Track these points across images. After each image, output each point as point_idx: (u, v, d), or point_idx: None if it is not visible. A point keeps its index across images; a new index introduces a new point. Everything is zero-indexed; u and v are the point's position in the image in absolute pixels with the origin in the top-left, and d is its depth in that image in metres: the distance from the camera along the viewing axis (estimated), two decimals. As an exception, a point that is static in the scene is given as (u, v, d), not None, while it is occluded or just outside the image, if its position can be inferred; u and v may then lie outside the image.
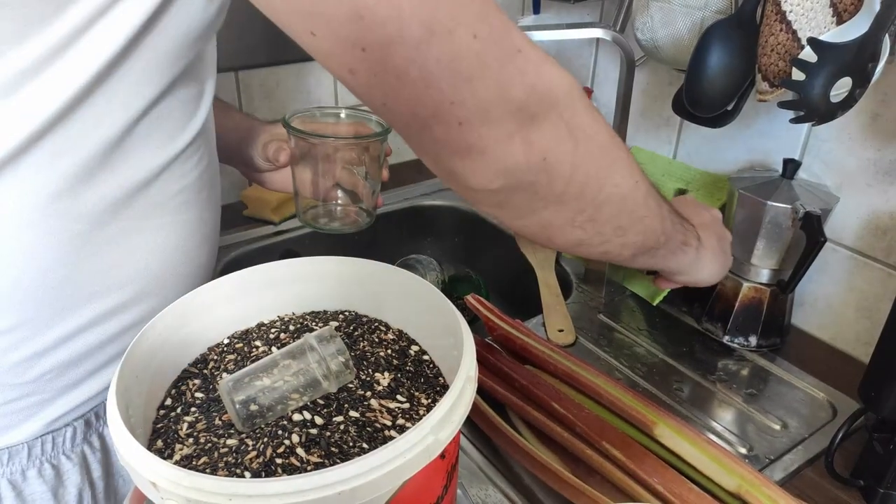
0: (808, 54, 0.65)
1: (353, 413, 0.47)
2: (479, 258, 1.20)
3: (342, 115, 0.76)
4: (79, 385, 0.57)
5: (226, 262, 1.01)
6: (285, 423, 0.46)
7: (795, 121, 0.68)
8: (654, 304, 0.89)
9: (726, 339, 0.83)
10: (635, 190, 0.52)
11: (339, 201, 0.76)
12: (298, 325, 0.57)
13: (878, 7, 0.61)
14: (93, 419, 0.61)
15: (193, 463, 0.43)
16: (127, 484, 0.66)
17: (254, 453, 0.44)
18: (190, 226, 0.60)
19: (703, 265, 0.67)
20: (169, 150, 0.55)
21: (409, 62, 0.38)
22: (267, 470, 0.42)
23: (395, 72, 0.38)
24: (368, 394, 0.49)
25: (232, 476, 0.42)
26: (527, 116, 0.42)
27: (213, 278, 0.56)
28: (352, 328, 0.57)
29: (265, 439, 0.45)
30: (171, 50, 0.50)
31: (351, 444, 0.44)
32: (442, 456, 0.42)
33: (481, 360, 0.72)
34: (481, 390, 0.71)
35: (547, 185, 0.46)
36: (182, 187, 0.57)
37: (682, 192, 0.93)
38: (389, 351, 0.54)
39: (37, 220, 0.49)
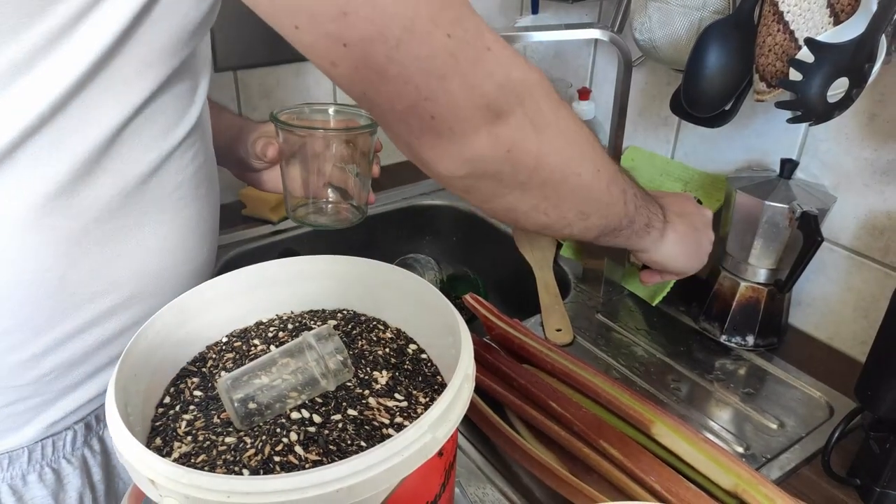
0: (805, 55, 0.66)
1: (351, 411, 0.47)
2: (477, 258, 1.20)
3: (331, 112, 0.76)
4: (78, 387, 0.57)
5: (224, 261, 1.02)
6: (284, 421, 0.46)
7: (793, 121, 0.68)
8: (654, 304, 0.89)
9: (724, 338, 0.84)
10: (597, 179, 0.54)
11: (330, 198, 0.76)
12: (297, 324, 0.57)
13: (874, 7, 0.62)
14: (93, 422, 0.60)
15: (192, 461, 0.44)
16: (128, 486, 0.65)
17: (252, 451, 0.44)
18: (188, 223, 0.60)
19: (666, 247, 0.68)
20: (164, 146, 0.55)
21: (389, 60, 0.40)
22: (265, 468, 0.43)
23: (374, 67, 0.40)
24: (367, 392, 0.49)
25: (230, 474, 0.42)
26: (493, 112, 0.44)
27: (212, 277, 0.56)
28: (350, 327, 0.57)
29: (263, 437, 0.45)
30: (164, 45, 0.50)
31: (349, 442, 0.45)
32: (440, 454, 0.42)
33: (479, 360, 0.73)
34: (479, 389, 0.71)
35: (511, 174, 0.49)
36: (178, 183, 0.57)
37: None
38: (387, 349, 0.54)
39: (33, 218, 0.49)
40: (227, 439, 0.45)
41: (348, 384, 0.50)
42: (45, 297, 0.51)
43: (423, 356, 0.55)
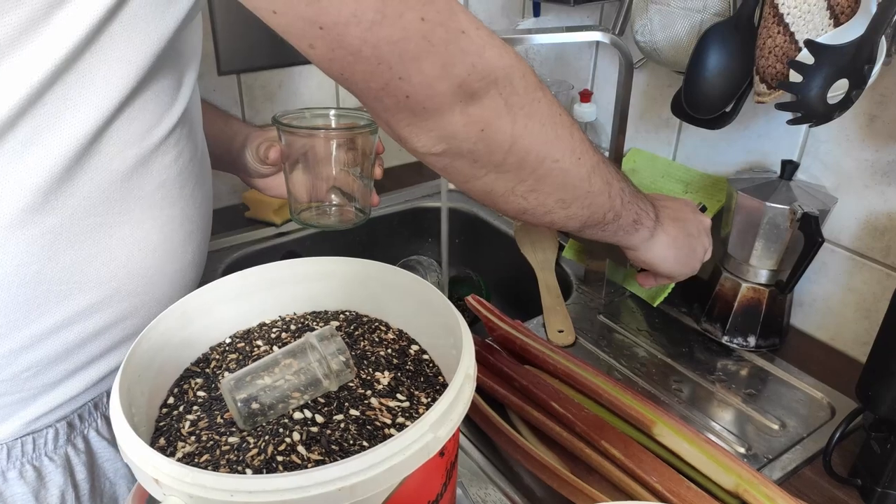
0: (805, 56, 0.66)
1: (353, 411, 0.48)
2: (479, 259, 1.21)
3: (332, 115, 0.76)
4: (59, 384, 0.56)
5: (227, 263, 1.02)
6: (286, 421, 0.47)
7: (793, 122, 0.69)
8: (655, 305, 0.90)
9: (725, 339, 0.84)
10: (577, 166, 0.54)
11: (333, 201, 0.76)
12: (299, 325, 0.58)
13: (874, 9, 0.62)
14: (76, 421, 0.60)
15: (195, 460, 0.44)
16: (114, 486, 0.65)
17: (255, 451, 0.44)
18: (172, 222, 0.59)
19: (656, 248, 0.68)
20: (145, 144, 0.54)
21: (363, 42, 0.41)
22: (268, 467, 0.43)
23: (349, 49, 0.42)
24: (368, 392, 0.50)
25: (233, 473, 0.43)
26: (467, 92, 0.46)
27: (212, 279, 0.56)
28: (352, 328, 0.58)
29: (266, 437, 0.45)
30: (143, 41, 0.49)
31: (351, 441, 0.45)
32: (441, 453, 0.42)
33: (481, 361, 0.73)
34: (481, 390, 0.71)
35: (486, 154, 0.49)
36: (161, 182, 0.57)
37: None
38: (389, 350, 0.55)
39: (8, 213, 0.48)
40: (231, 439, 0.45)
41: (350, 385, 0.50)
42: (22, 292, 0.51)
43: (425, 357, 0.55)
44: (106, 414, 0.62)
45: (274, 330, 0.57)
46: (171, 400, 0.50)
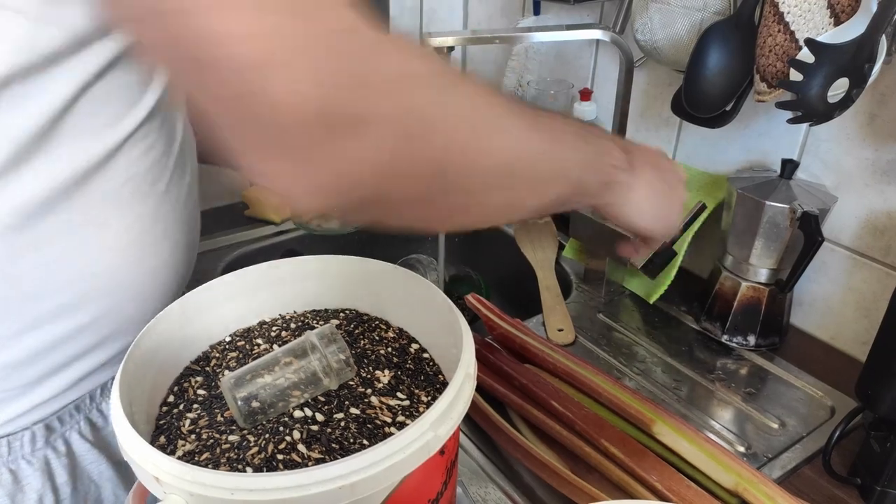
0: (805, 55, 0.66)
1: (353, 410, 0.48)
2: (479, 258, 1.21)
3: None
4: (33, 387, 0.54)
5: (227, 261, 1.02)
6: (286, 419, 0.47)
7: (793, 121, 0.69)
8: (651, 301, 0.90)
9: (725, 338, 0.84)
10: (519, 165, 0.43)
11: None
12: (300, 324, 0.58)
13: (874, 8, 0.62)
14: (56, 424, 0.57)
15: (196, 458, 0.44)
16: (99, 489, 0.63)
17: (255, 449, 0.44)
18: (143, 220, 0.55)
19: (633, 201, 0.56)
20: (108, 139, 0.51)
21: (182, 35, 0.29)
22: (268, 465, 0.43)
23: (179, 50, 0.30)
24: (369, 391, 0.50)
25: (234, 471, 0.43)
26: (352, 115, 0.31)
27: (211, 278, 0.56)
28: (352, 326, 0.57)
29: (267, 435, 0.45)
30: (99, 28, 0.46)
31: (351, 440, 0.45)
32: (441, 452, 0.42)
33: (481, 359, 0.73)
34: (481, 389, 0.71)
35: (400, 191, 0.37)
36: (129, 178, 0.53)
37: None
38: (390, 349, 0.55)
39: None
40: (231, 437, 0.45)
41: (350, 383, 0.50)
42: None
43: (425, 356, 0.55)
44: (89, 416, 0.60)
45: (274, 328, 0.57)
46: (171, 398, 0.50)
